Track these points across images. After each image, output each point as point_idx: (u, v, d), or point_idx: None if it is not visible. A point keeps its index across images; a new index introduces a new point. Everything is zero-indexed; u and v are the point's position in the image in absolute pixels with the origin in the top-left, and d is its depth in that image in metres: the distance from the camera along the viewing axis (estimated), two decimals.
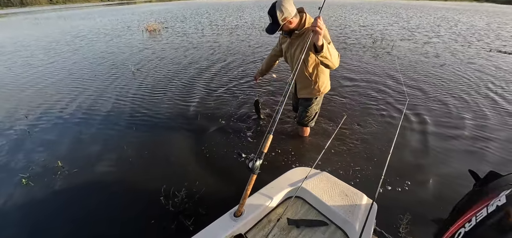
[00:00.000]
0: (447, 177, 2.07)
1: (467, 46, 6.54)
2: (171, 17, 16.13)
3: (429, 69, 4.80)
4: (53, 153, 2.60)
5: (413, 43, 6.68)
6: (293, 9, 1.68)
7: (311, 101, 2.21)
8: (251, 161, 1.10)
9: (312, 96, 2.17)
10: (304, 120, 2.37)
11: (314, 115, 2.36)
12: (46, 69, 5.88)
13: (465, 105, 3.35)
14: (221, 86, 4.17)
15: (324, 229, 1.23)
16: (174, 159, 2.40)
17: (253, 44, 7.17)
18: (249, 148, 2.53)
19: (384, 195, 1.86)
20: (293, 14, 1.69)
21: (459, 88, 3.94)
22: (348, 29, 8.93)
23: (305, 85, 2.12)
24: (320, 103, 2.32)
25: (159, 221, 1.74)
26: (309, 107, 2.25)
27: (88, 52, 7.45)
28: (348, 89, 3.91)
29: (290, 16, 1.67)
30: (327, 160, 2.23)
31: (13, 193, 2.10)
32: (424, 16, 11.55)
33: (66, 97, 4.03)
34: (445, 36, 7.66)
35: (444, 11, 12.90)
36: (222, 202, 1.80)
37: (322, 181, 1.43)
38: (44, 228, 1.77)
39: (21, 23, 18.50)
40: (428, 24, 9.46)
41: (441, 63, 5.12)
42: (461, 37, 7.58)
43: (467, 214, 0.89)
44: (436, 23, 9.10)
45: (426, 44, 6.43)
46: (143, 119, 3.19)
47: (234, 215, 1.18)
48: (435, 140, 2.57)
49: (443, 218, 1.72)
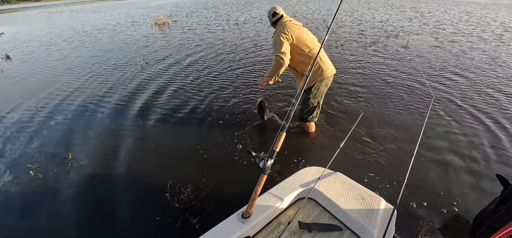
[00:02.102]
0: (472, 182, 1.91)
1: (495, 43, 6.08)
2: (178, 11, 16.12)
3: (455, 66, 4.45)
4: (62, 145, 2.61)
5: (435, 38, 6.35)
6: (279, 10, 2.19)
7: (308, 93, 2.24)
8: (262, 160, 1.02)
9: (307, 87, 2.21)
10: (303, 113, 2.38)
11: (313, 109, 2.33)
12: (57, 62, 5.97)
13: (496, 107, 3.02)
14: (231, 81, 4.10)
15: (338, 235, 1.15)
16: (181, 154, 2.35)
17: (261, 39, 7.04)
18: (259, 146, 2.45)
19: (403, 198, 1.74)
20: (278, 15, 2.17)
21: (489, 88, 3.56)
22: (364, 25, 8.63)
23: (297, 79, 2.31)
24: (319, 97, 2.29)
25: (165, 217, 1.70)
26: (307, 100, 2.28)
27: (97, 45, 7.54)
28: (365, 86, 3.69)
29: (275, 17, 2.18)
30: (341, 160, 2.11)
31: (20, 183, 2.11)
32: (446, 10, 10.96)
33: (76, 90, 4.07)
34: (471, 32, 7.20)
35: (468, 5, 12.00)
36: (229, 200, 1.74)
37: (337, 182, 1.34)
38: (49, 218, 1.77)
39: (36, 17, 18.98)
40: (449, 19, 9.00)
41: (468, 60, 4.77)
42: (489, 33, 7.02)
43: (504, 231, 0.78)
44: (460, 18, 8.59)
45: (449, 40, 6.08)
46: (149, 113, 3.17)
47: (242, 216, 1.11)
48: (462, 143, 2.36)
49: (466, 226, 1.61)
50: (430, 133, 2.49)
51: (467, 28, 7.22)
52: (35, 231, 1.69)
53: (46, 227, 1.72)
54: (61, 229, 1.70)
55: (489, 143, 2.35)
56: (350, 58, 5.04)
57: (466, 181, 1.92)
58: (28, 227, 1.72)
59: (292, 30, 2.06)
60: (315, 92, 2.22)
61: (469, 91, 3.36)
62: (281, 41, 2.01)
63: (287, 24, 2.09)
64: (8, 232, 1.70)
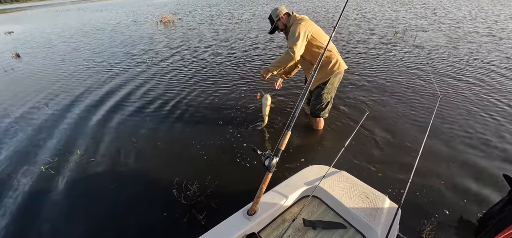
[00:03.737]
0: (477, 182, 1.90)
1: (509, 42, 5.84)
2: (183, 9, 16.15)
3: (464, 66, 4.31)
4: (71, 141, 2.68)
5: (444, 36, 6.21)
6: (283, 8, 2.15)
7: (322, 88, 2.21)
8: (267, 158, 1.04)
9: (321, 82, 2.18)
10: (316, 109, 2.34)
11: (326, 105, 2.32)
12: (64, 60, 6.08)
13: (505, 109, 2.89)
14: (236, 78, 4.12)
15: (342, 232, 1.16)
16: (187, 151, 2.39)
17: (266, 37, 7.02)
18: (265, 144, 2.47)
19: (407, 197, 1.74)
20: (284, 12, 2.13)
21: (500, 91, 3.34)
22: (372, 21, 8.51)
23: (308, 75, 2.28)
24: (333, 93, 2.28)
25: (172, 213, 1.74)
26: (320, 96, 2.25)
27: (104, 43, 7.64)
28: (370, 84, 3.65)
29: (281, 12, 2.12)
30: (346, 158, 2.12)
31: (32, 179, 2.18)
32: (459, 6, 10.63)
33: (83, 87, 4.16)
34: (483, 29, 6.95)
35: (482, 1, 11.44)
36: (235, 197, 1.77)
37: (341, 180, 1.35)
38: (59, 213, 1.83)
39: (43, 16, 19.28)
40: (462, 15, 8.77)
41: (479, 59, 4.63)
42: (506, 33, 6.68)
43: (509, 230, 0.79)
44: (474, 15, 8.33)
45: (462, 40, 5.91)
46: (156, 111, 3.22)
47: (248, 213, 1.13)
48: (467, 143, 2.32)
49: (472, 225, 1.60)
50: (436, 132, 2.46)
51: (482, 26, 6.94)
52: (46, 225, 1.75)
53: (56, 221, 1.78)
54: (70, 223, 1.76)
55: (496, 144, 2.31)
56: (355, 55, 4.99)
57: (472, 181, 1.90)
58: (39, 221, 1.78)
59: (310, 24, 2.03)
60: (330, 87, 2.20)
61: (478, 92, 3.29)
62: (298, 34, 1.94)
63: (305, 18, 2.05)
64: (18, 225, 1.77)
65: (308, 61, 2.17)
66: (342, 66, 2.16)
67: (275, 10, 2.15)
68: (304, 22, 2.00)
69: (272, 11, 2.18)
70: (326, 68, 2.12)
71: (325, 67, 2.11)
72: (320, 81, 2.19)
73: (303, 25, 1.97)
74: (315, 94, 2.29)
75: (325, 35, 2.12)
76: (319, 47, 2.06)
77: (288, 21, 2.12)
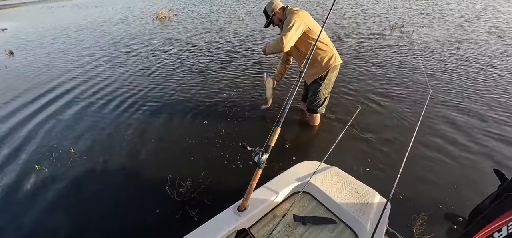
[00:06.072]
0: (467, 177, 1.91)
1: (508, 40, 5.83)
2: (180, 4, 15.99)
3: (457, 61, 4.34)
4: (64, 139, 2.66)
5: (439, 32, 6.23)
6: (279, 3, 2.12)
7: (319, 84, 2.19)
8: (257, 155, 1.04)
9: (318, 77, 2.16)
10: (313, 105, 2.32)
11: (324, 100, 2.31)
12: (58, 57, 6.01)
13: (495, 102, 2.93)
14: (228, 76, 4.10)
15: (332, 227, 1.17)
16: (180, 148, 2.38)
17: (261, 32, 6.98)
18: (255, 140, 2.46)
19: (398, 192, 1.76)
20: (279, 7, 2.10)
21: (491, 88, 3.36)
22: (367, 16, 8.49)
23: (308, 67, 2.17)
24: (330, 88, 2.27)
25: (165, 210, 1.75)
26: (318, 92, 2.23)
27: (99, 40, 7.55)
28: (363, 79, 3.66)
29: (276, 7, 2.09)
30: (338, 154, 2.09)
31: (26, 177, 2.17)
32: (460, 2, 10.62)
33: (77, 84, 4.12)
34: (483, 26, 6.95)
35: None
36: (228, 194, 1.77)
37: (332, 176, 1.35)
38: (53, 211, 1.82)
39: (38, 12, 18.98)
40: (462, 12, 8.78)
41: (473, 56, 4.65)
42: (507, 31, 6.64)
43: (496, 222, 0.80)
44: (477, 13, 8.30)
45: (459, 36, 5.93)
46: (150, 108, 3.20)
47: (238, 209, 1.14)
48: (457, 138, 2.34)
49: (462, 219, 1.62)
50: (426, 128, 2.48)
51: (483, 24, 6.89)
52: (40, 222, 1.75)
53: (49, 218, 1.78)
54: (64, 220, 1.76)
55: (486, 139, 2.33)
56: (349, 50, 4.98)
57: (461, 176, 1.92)
58: (33, 218, 1.77)
59: (306, 16, 2.01)
60: (327, 83, 2.19)
61: (469, 88, 3.31)
62: (292, 25, 1.91)
63: (301, 10, 2.02)
64: (15, 223, 1.76)
65: (303, 54, 2.15)
66: (338, 60, 2.15)
67: (270, 4, 2.11)
68: (300, 13, 1.98)
69: (267, 4, 2.13)
70: (322, 62, 2.10)
71: (320, 61, 2.10)
72: (316, 75, 2.17)
73: (299, 17, 1.95)
74: (312, 90, 2.27)
75: (318, 28, 2.11)
76: (314, 40, 2.04)
77: (283, 15, 2.10)
